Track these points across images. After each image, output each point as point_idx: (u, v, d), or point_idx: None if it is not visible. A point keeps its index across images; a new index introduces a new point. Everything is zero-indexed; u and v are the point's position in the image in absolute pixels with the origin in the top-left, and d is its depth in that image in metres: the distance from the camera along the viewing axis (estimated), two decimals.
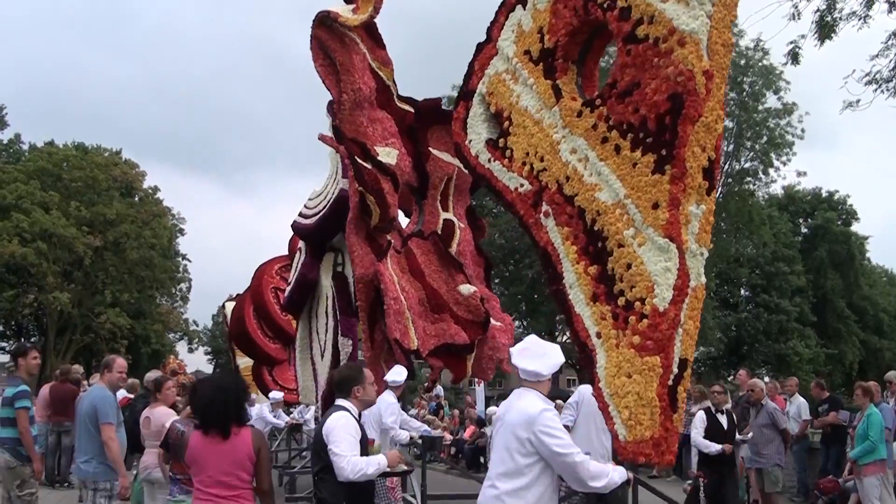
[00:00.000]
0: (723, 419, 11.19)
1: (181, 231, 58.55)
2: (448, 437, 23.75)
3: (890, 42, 18.13)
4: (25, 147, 53.48)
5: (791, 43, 18.98)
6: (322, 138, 11.89)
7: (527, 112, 7.36)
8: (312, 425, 18.39)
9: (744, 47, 38.09)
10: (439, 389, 22.02)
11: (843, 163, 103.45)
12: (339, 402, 5.85)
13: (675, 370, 5.99)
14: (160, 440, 7.67)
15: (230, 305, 21.20)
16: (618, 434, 5.92)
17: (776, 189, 46.95)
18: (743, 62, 38.24)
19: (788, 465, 14.37)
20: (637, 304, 5.98)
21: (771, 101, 39.31)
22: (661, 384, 5.90)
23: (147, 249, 50.08)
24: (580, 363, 6.66)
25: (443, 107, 12.95)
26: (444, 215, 12.68)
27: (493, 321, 11.78)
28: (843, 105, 18.78)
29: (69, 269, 47.98)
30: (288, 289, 13.44)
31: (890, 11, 17.67)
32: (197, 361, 74.88)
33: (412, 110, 12.69)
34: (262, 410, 16.01)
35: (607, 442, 8.31)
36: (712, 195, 6.54)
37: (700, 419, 11.15)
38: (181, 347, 65.13)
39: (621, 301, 6.11)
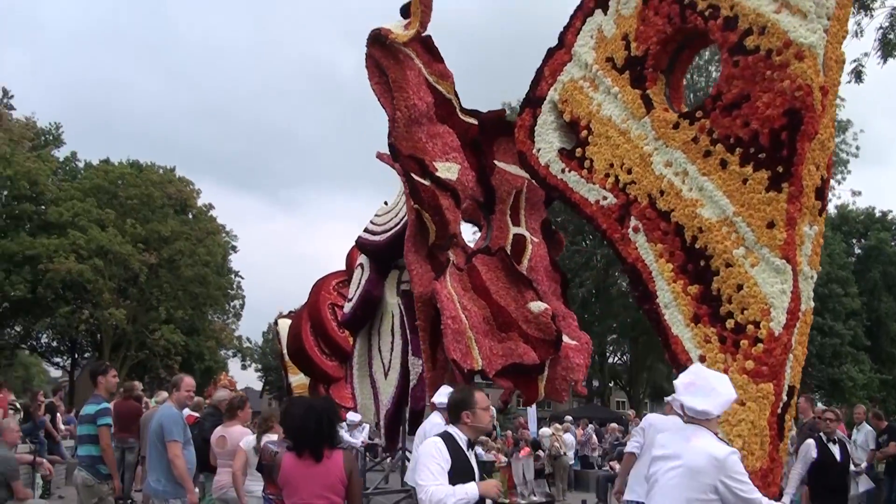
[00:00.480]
0: (835, 449, 10.02)
1: (234, 248, 58.54)
2: (502, 459, 23.23)
3: None
4: (81, 165, 53.85)
5: (855, 61, 18.71)
6: (380, 156, 11.72)
7: (610, 122, 7.09)
8: (358, 444, 18.18)
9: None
10: (492, 411, 21.51)
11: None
12: (448, 427, 5.39)
13: (785, 398, 5.69)
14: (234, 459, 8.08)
15: (283, 322, 21.04)
16: None
17: (830, 208, 46.08)
18: None
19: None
20: (750, 327, 5.69)
21: None
22: (771, 412, 5.59)
23: (201, 266, 50.11)
24: None
25: (507, 118, 12.59)
26: (514, 230, 12.31)
27: (567, 339, 11.45)
28: None
29: (124, 285, 48.13)
30: (349, 305, 13.22)
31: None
32: (248, 378, 74.95)
33: (476, 123, 12.42)
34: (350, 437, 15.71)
35: None
36: (823, 216, 6.23)
37: (808, 449, 9.97)
38: (234, 364, 65.33)
39: (730, 324, 5.82)
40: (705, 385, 4.84)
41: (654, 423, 7.84)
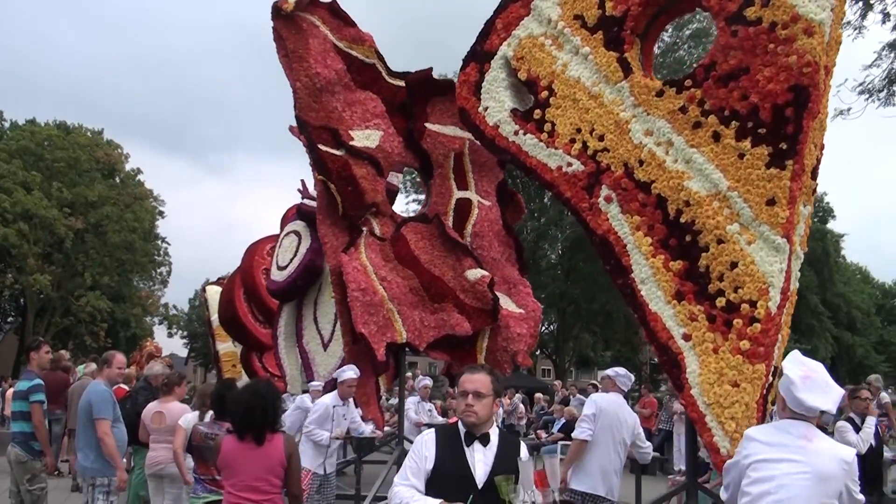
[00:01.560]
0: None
1: (161, 214, 56.40)
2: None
3: (883, 52, 18.19)
4: (7, 125, 51.69)
5: None
6: (291, 130, 11.10)
7: (579, 84, 6.53)
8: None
9: None
10: (427, 380, 20.78)
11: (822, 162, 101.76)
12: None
13: (771, 378, 5.35)
14: (173, 435, 8.00)
15: (211, 290, 20.51)
16: (718, 447, 5.22)
17: None
18: None
19: None
20: (745, 306, 5.30)
21: None
22: (760, 394, 5.24)
23: (128, 233, 48.57)
24: (664, 367, 5.84)
25: (435, 77, 11.67)
26: (458, 194, 11.49)
27: (511, 308, 10.83)
28: (834, 112, 18.54)
29: (49, 250, 46.58)
30: (282, 272, 12.56)
31: (884, 22, 17.88)
32: (173, 346, 73.40)
33: (405, 86, 11.55)
34: (303, 401, 14.98)
35: (623, 455, 7.46)
36: (813, 196, 5.91)
37: (846, 433, 8.87)
38: (160, 332, 63.94)
39: (720, 302, 5.41)
40: (821, 379, 4.23)
41: (603, 407, 7.29)
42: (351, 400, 10.18)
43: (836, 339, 51.68)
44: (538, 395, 27.17)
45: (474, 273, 10.65)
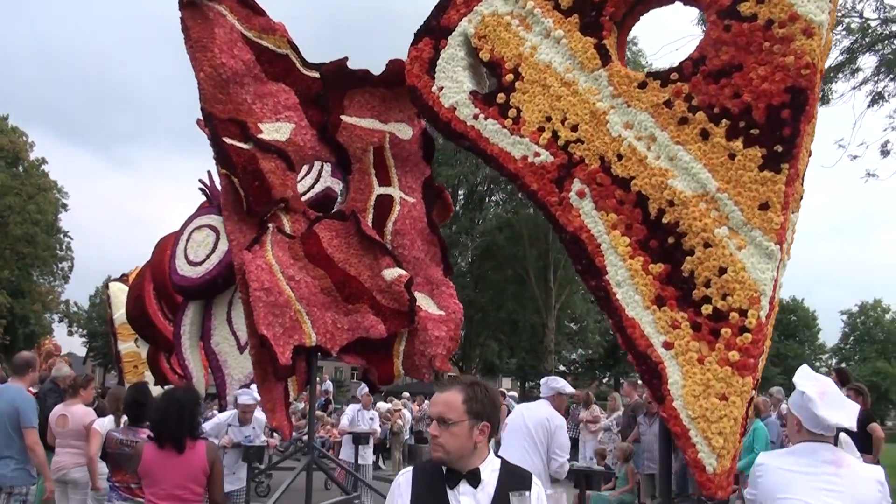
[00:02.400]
0: None
1: (65, 206, 54.33)
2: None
3: None
4: None
5: None
6: (198, 123, 10.39)
7: (549, 69, 6.00)
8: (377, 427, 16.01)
9: (641, 67, 38.08)
10: (328, 384, 20.00)
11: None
12: None
13: (753, 392, 4.99)
14: (79, 439, 8.09)
15: (115, 287, 19.57)
16: (703, 465, 4.78)
17: None
18: None
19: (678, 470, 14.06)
20: (734, 315, 4.85)
21: None
22: (745, 408, 4.90)
23: (30, 225, 46.76)
24: (642, 377, 5.41)
25: (349, 67, 10.75)
26: (379, 190, 10.80)
27: (430, 310, 10.18)
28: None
29: None
30: (200, 269, 11.82)
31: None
32: (72, 344, 70.50)
33: (319, 77, 10.83)
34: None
35: (538, 457, 7.41)
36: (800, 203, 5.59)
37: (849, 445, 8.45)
38: (60, 330, 61.60)
39: (706, 309, 4.94)
40: (836, 394, 3.96)
41: (513, 415, 7.23)
42: (253, 423, 10.09)
43: None
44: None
45: (391, 273, 10.02)
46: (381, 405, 21.52)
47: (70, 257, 55.88)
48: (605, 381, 51.09)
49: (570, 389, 8.50)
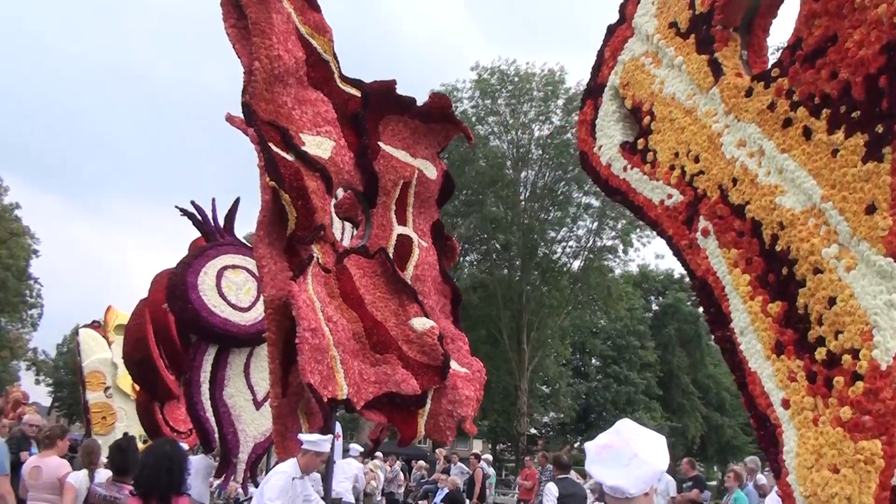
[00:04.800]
0: None
1: (36, 252, 52.28)
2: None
3: None
4: None
5: None
6: (229, 119, 8.76)
7: (674, 101, 5.03)
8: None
9: None
10: (355, 449, 18.18)
11: None
12: None
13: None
14: (53, 493, 7.64)
15: (85, 333, 18.59)
16: None
17: (633, 267, 47.43)
18: None
19: None
20: (846, 357, 3.75)
21: None
22: (880, 485, 3.69)
23: (2, 270, 45.01)
24: (760, 444, 4.31)
25: (398, 92, 9.75)
26: (398, 230, 9.60)
27: (455, 366, 8.93)
28: None
29: None
30: (250, 316, 10.76)
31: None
32: (37, 394, 67.86)
33: (358, 95, 9.63)
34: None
35: None
36: None
37: None
38: (27, 378, 59.34)
39: (820, 353, 3.83)
40: (625, 450, 3.27)
41: None
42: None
43: (705, 418, 52.69)
44: (420, 462, 25.89)
45: (422, 323, 8.78)
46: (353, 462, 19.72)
47: (39, 304, 53.92)
48: (576, 445, 49.86)
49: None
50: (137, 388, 16.18)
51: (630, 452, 3.26)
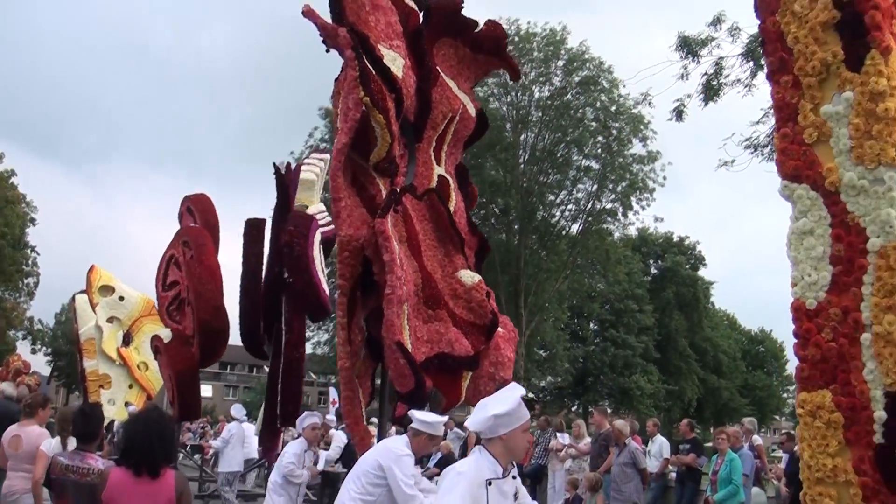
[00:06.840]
0: None
1: (33, 221, 51.03)
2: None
3: (770, 111, 17.98)
4: None
5: (677, 101, 19.33)
6: (308, 12, 7.24)
7: None
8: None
9: (616, 94, 36.77)
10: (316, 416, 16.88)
11: (694, 212, 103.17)
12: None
13: None
14: (31, 462, 7.33)
15: (81, 300, 17.55)
16: None
17: (632, 231, 46.54)
18: (614, 108, 36.91)
19: (644, 502, 13.59)
20: None
21: (636, 147, 37.90)
22: None
23: None
24: None
25: (463, 13, 8.53)
26: (437, 169, 8.40)
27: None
28: (718, 163, 19.30)
29: None
30: None
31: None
32: (36, 363, 66.82)
33: (417, 10, 8.44)
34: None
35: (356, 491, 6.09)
36: None
37: None
38: (23, 347, 58.22)
39: None
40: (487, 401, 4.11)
41: None
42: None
43: (702, 381, 52.30)
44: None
45: (470, 276, 7.72)
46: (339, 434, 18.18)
47: (36, 273, 52.53)
48: (573, 409, 49.35)
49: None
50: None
51: (483, 402, 4.11)
